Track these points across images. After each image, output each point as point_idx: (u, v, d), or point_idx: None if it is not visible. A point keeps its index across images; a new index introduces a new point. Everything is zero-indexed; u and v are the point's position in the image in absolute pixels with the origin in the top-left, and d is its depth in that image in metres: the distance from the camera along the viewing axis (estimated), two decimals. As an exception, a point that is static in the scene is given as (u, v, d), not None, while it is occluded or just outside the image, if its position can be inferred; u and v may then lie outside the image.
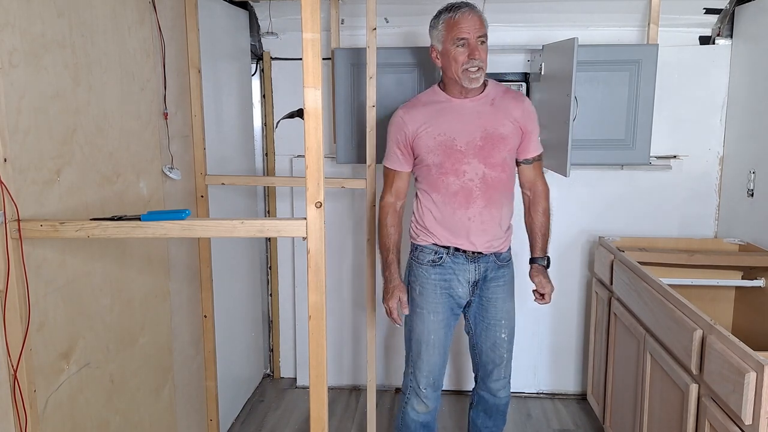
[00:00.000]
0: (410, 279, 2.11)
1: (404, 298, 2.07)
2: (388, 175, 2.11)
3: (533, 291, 2.17)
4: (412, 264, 2.11)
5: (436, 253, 2.05)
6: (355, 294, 3.06)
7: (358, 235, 3.01)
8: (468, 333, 2.20)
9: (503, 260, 2.11)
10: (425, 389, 2.09)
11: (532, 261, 2.19)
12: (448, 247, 2.04)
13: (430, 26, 2.02)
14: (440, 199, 2.02)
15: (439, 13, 1.99)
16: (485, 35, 1.95)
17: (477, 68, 1.93)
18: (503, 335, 2.12)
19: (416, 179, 2.10)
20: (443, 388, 2.18)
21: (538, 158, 2.13)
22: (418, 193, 2.09)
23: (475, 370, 2.22)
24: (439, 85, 2.07)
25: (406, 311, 2.08)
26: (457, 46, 1.92)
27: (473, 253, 2.04)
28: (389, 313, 2.09)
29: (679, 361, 1.82)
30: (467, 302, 2.11)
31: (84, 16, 1.51)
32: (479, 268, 2.05)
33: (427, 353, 2.07)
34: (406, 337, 2.14)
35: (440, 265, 2.05)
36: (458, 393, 3.07)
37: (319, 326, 1.29)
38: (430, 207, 2.05)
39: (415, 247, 2.11)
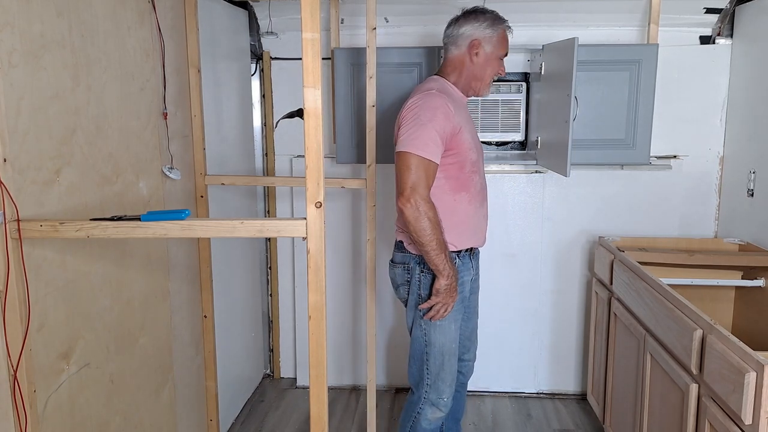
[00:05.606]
0: (421, 293, 1.93)
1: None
2: (428, 167, 1.78)
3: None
4: (422, 276, 1.91)
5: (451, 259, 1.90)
6: (355, 294, 3.06)
7: (358, 235, 3.01)
8: None
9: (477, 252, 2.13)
10: (447, 398, 1.99)
11: None
12: (459, 251, 1.95)
13: (485, 23, 1.92)
14: (467, 198, 1.92)
15: (497, 18, 1.94)
16: None
17: None
18: (476, 320, 2.18)
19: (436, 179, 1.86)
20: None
21: None
22: (438, 194, 1.86)
23: None
24: (446, 78, 1.98)
25: None
26: (501, 60, 1.97)
27: (473, 250, 2.04)
28: (442, 311, 1.86)
29: (679, 361, 1.82)
30: None
31: (84, 16, 1.51)
32: (475, 265, 2.07)
33: (450, 363, 1.96)
34: (422, 350, 1.97)
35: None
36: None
37: (319, 326, 1.29)
38: (455, 208, 1.90)
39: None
